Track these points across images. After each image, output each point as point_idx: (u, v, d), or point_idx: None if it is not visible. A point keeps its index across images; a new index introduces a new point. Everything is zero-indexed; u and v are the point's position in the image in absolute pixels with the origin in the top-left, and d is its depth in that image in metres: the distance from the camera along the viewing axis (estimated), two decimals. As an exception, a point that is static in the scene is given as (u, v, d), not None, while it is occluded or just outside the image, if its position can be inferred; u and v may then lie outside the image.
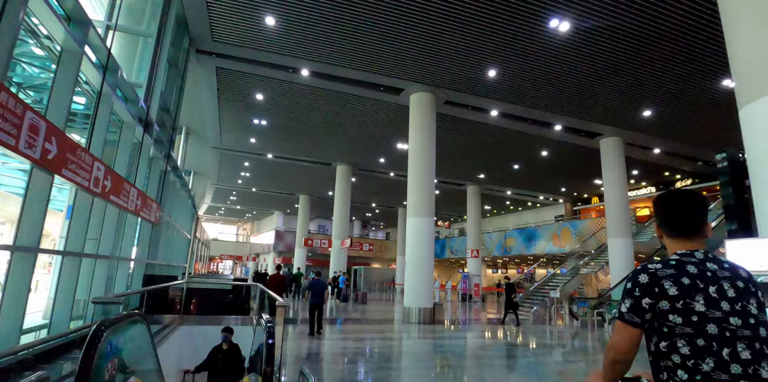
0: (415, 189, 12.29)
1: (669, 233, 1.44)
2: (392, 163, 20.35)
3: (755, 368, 1.18)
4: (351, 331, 9.73)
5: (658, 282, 1.29)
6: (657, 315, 1.28)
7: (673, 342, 1.24)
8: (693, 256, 1.34)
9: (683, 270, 1.29)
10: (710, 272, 1.29)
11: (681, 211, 1.43)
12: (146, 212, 8.68)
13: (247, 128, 17.01)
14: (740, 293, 1.26)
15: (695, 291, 1.25)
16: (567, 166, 19.75)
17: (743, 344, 1.20)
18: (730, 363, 1.18)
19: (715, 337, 1.21)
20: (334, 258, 21.01)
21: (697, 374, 1.20)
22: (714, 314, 1.22)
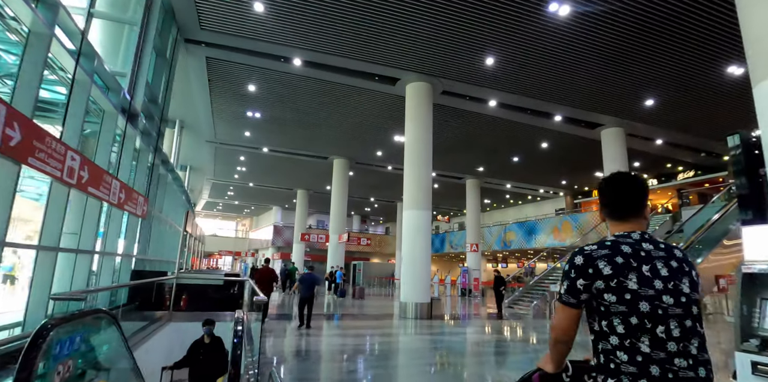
0: (411, 181, 11.99)
1: (610, 216, 1.47)
2: (390, 157, 20.02)
3: (685, 345, 1.22)
4: (344, 327, 9.48)
5: (592, 263, 1.31)
6: (594, 295, 1.31)
7: (610, 321, 1.27)
8: (629, 237, 1.36)
9: (618, 250, 1.32)
10: (644, 252, 1.32)
11: (621, 194, 1.45)
12: (131, 205, 8.38)
13: (241, 121, 16.68)
14: (673, 272, 1.29)
15: (628, 270, 1.28)
16: (567, 159, 19.42)
17: (675, 322, 1.23)
18: (666, 341, 1.21)
19: (647, 314, 1.23)
20: (332, 253, 20.76)
21: (638, 355, 1.21)
22: (647, 292, 1.25)
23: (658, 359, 1.20)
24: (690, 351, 1.22)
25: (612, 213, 1.47)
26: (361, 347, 6.87)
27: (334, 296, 17.82)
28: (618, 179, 1.48)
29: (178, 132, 19.44)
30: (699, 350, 1.25)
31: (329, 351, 6.44)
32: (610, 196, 1.48)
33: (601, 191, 1.51)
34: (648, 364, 1.21)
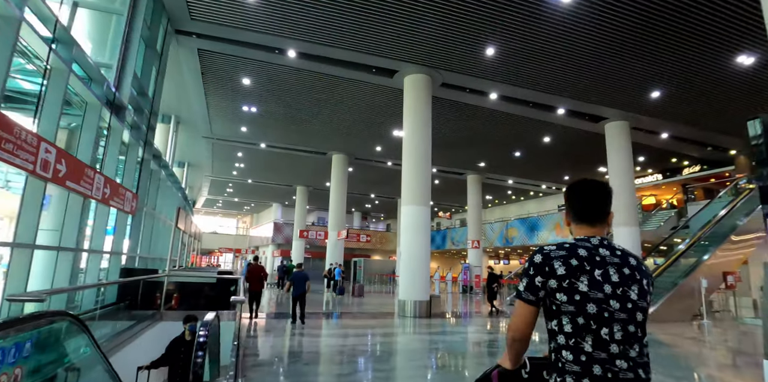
0: (410, 176, 11.66)
1: (576, 220, 1.51)
2: (389, 152, 19.67)
3: (625, 348, 1.26)
4: (339, 326, 9.19)
5: (549, 262, 1.36)
6: (548, 293, 1.34)
7: (560, 320, 1.31)
8: (588, 241, 1.42)
9: (574, 252, 1.36)
10: (599, 257, 1.36)
11: (588, 200, 1.50)
12: (118, 201, 8.08)
13: (237, 116, 16.36)
14: (624, 278, 1.33)
15: (581, 272, 1.32)
16: (570, 153, 19.04)
17: (619, 326, 1.27)
18: (609, 343, 1.26)
19: (593, 316, 1.27)
20: (331, 250, 20.47)
21: (581, 355, 1.26)
22: (596, 294, 1.29)
23: (600, 359, 1.25)
24: (629, 354, 1.27)
25: (578, 218, 1.51)
26: (355, 349, 6.57)
27: (333, 293, 17.54)
28: (585, 186, 1.52)
29: (173, 128, 19.15)
30: (639, 354, 1.29)
31: (321, 353, 6.13)
32: (577, 201, 1.52)
33: (568, 197, 1.55)
34: (591, 364, 1.25)
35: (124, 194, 8.43)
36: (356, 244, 34.64)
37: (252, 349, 6.24)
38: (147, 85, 10.41)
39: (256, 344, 6.75)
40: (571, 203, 1.54)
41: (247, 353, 5.87)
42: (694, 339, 8.43)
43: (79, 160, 6.44)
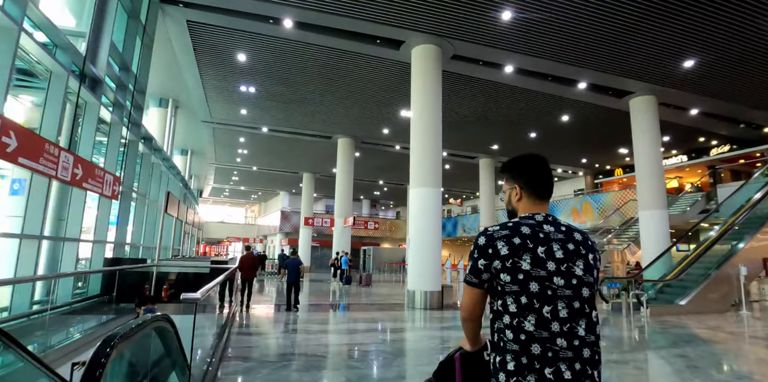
0: (419, 155, 10.70)
1: (531, 195, 1.46)
2: (397, 135, 18.69)
3: (572, 325, 1.25)
4: (341, 320, 8.37)
5: (492, 243, 1.33)
6: (492, 275, 1.33)
7: (504, 300, 1.30)
8: (533, 218, 1.39)
9: (517, 231, 1.33)
10: (543, 234, 1.33)
11: (542, 173, 1.48)
12: (94, 183, 7.28)
13: (235, 97, 15.48)
14: (569, 254, 1.31)
15: (523, 250, 1.29)
16: (590, 134, 17.89)
17: (563, 303, 1.26)
18: (550, 321, 1.24)
19: (536, 295, 1.26)
20: (337, 238, 19.68)
21: (521, 333, 1.25)
22: (538, 273, 1.27)
23: (540, 338, 1.23)
24: (577, 332, 1.25)
25: (533, 193, 1.46)
26: (357, 349, 5.75)
27: (339, 283, 16.80)
28: (536, 159, 1.51)
29: (171, 112, 18.35)
30: (586, 331, 1.27)
31: (317, 355, 5.32)
32: (531, 176, 1.48)
33: (519, 171, 1.51)
34: (530, 342, 1.24)
35: (103, 176, 7.63)
36: (365, 232, 33.91)
37: (237, 349, 5.45)
38: (130, 59, 9.54)
39: (243, 342, 5.97)
40: (527, 178, 1.49)
41: (228, 355, 5.07)
42: (734, 334, 7.48)
43: (37, 134, 5.61)
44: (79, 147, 7.50)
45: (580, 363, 1.23)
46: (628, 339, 7.13)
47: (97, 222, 8.51)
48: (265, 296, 12.43)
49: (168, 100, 18.17)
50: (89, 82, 7.64)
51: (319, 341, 6.06)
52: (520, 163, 1.52)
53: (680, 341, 6.67)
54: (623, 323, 8.66)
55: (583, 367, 1.24)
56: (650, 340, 6.94)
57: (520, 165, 1.52)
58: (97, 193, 7.50)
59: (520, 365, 1.23)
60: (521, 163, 1.52)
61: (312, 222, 21.90)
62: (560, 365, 1.22)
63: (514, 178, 1.51)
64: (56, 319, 6.68)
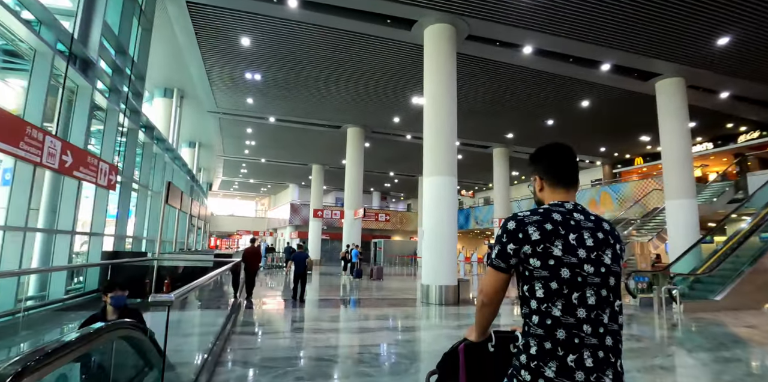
0: (432, 142, 10.08)
1: (552, 184, 1.45)
2: (408, 123, 18.05)
3: (598, 313, 1.24)
4: (350, 317, 7.84)
5: (523, 228, 1.31)
6: (521, 259, 1.31)
7: (532, 285, 1.28)
8: (562, 206, 1.38)
9: (549, 217, 1.32)
10: (574, 221, 1.33)
11: (566, 162, 1.46)
12: (87, 172, 6.82)
13: (240, 85, 14.95)
14: (598, 243, 1.31)
15: (555, 237, 1.28)
16: (610, 120, 17.05)
17: (591, 291, 1.25)
18: (577, 307, 1.23)
19: (566, 281, 1.24)
20: (347, 230, 19.18)
21: (548, 318, 1.24)
22: (570, 259, 1.26)
23: (566, 324, 1.22)
24: (601, 320, 1.24)
25: (556, 182, 1.45)
26: (367, 351, 5.23)
27: (350, 276, 16.33)
28: (560, 148, 1.48)
29: (176, 102, 17.93)
30: (610, 319, 1.26)
31: (322, 358, 4.80)
32: (554, 165, 1.46)
33: (542, 160, 1.49)
34: (556, 327, 1.23)
35: (97, 164, 7.16)
36: (375, 224, 33.41)
37: (236, 351, 4.96)
38: (127, 42, 9.03)
39: (245, 342, 5.48)
40: (546, 167, 1.47)
41: (226, 359, 4.58)
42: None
43: (16, 116, 5.12)
44: (70, 133, 7.04)
45: (603, 351, 1.23)
46: (669, 340, 6.50)
47: (95, 214, 8.08)
48: (271, 289, 12.03)
49: (173, 90, 17.75)
50: (80, 64, 7.15)
51: (327, 341, 5.54)
52: (541, 153, 1.50)
53: (727, 341, 6.03)
54: (655, 320, 8.03)
55: (606, 355, 1.23)
56: (691, 340, 6.31)
57: (540, 155, 1.50)
58: (91, 182, 7.04)
59: (543, 350, 1.23)
60: (541, 152, 1.50)
61: (321, 214, 21.42)
62: (584, 351, 1.21)
63: (536, 169, 1.50)
64: (48, 316, 6.27)
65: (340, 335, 6.13)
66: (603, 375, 1.20)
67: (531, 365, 1.23)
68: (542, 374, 1.21)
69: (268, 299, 9.80)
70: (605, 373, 1.20)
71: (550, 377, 1.20)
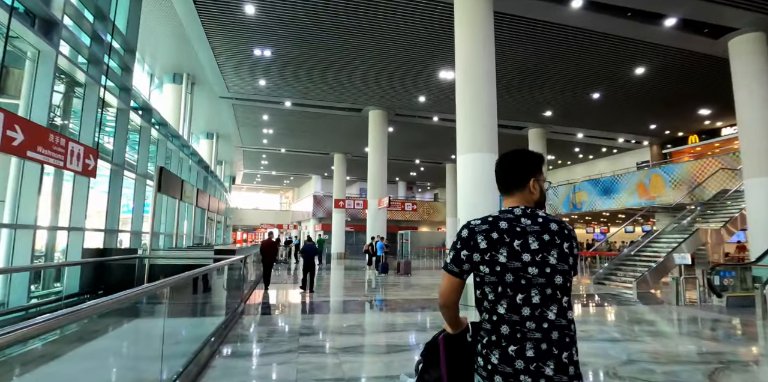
0: (468, 114, 8.48)
1: (502, 191, 1.56)
2: (436, 102, 16.47)
3: (542, 310, 1.34)
4: (374, 327, 6.39)
5: (474, 236, 1.41)
6: (472, 266, 1.41)
7: (483, 290, 1.41)
8: (512, 212, 1.46)
9: (495, 226, 1.41)
10: (520, 228, 1.41)
11: (506, 169, 1.54)
12: (49, 154, 5.60)
13: (250, 65, 13.68)
14: (543, 245, 1.39)
15: (501, 245, 1.38)
16: (666, 91, 14.98)
17: (536, 290, 1.35)
18: (521, 306, 1.34)
19: (510, 284, 1.36)
20: (371, 221, 17.81)
21: (494, 315, 1.37)
22: (513, 264, 1.36)
23: (510, 321, 1.34)
24: (545, 316, 1.34)
25: (501, 189, 1.55)
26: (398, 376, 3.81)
27: (375, 271, 14.98)
28: (503, 158, 1.57)
29: (187, 89, 16.87)
30: (557, 315, 1.35)
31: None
32: (498, 171, 1.56)
33: (496, 168, 1.58)
34: (500, 323, 1.36)
35: (65, 145, 5.94)
36: (401, 215, 31.98)
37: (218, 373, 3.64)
38: (107, 6, 7.78)
39: (230, 369, 4.15)
40: (498, 175, 1.57)
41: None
42: None
43: None
44: (31, 108, 5.84)
45: (547, 344, 1.32)
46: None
47: (73, 206, 6.94)
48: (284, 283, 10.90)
49: (182, 76, 16.70)
50: (41, 25, 5.93)
51: (340, 371, 4.13)
52: (498, 164, 1.58)
53: None
54: (756, 327, 6.31)
55: (549, 347, 1.32)
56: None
57: (497, 165, 1.58)
58: (56, 166, 5.83)
59: (490, 341, 1.37)
60: (498, 163, 1.58)
61: (343, 204, 20.10)
62: (526, 344, 1.32)
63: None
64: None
65: (359, 358, 4.70)
66: (543, 365, 1.30)
67: (482, 352, 1.39)
68: (489, 361, 1.36)
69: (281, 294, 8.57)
70: (546, 363, 1.30)
71: (495, 363, 1.34)
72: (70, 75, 6.99)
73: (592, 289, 11.09)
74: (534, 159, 1.54)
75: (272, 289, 9.87)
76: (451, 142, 8.94)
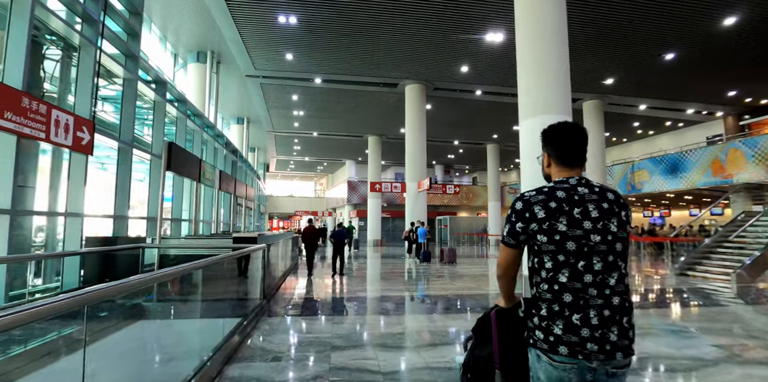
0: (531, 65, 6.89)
1: (560, 163, 1.55)
2: (479, 73, 14.80)
3: (603, 277, 1.36)
4: (417, 336, 5.07)
5: (529, 207, 1.43)
6: (530, 236, 1.44)
7: (541, 258, 1.41)
8: (567, 182, 1.48)
9: (552, 195, 1.43)
10: (578, 196, 1.43)
11: (573, 143, 1.53)
12: (29, 124, 4.58)
13: (275, 35, 12.47)
14: (603, 213, 1.41)
15: (560, 213, 1.40)
16: (758, 48, 12.68)
17: (598, 257, 1.37)
18: (583, 273, 1.36)
19: (572, 252, 1.37)
20: (410, 205, 16.48)
21: (555, 284, 1.37)
22: (574, 232, 1.38)
23: (572, 288, 1.35)
24: (608, 283, 1.35)
25: (561, 162, 1.54)
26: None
27: (416, 260, 13.71)
28: (568, 128, 1.55)
29: (211, 68, 15.95)
30: (617, 281, 1.37)
31: None
32: (561, 145, 1.55)
33: (551, 139, 1.57)
34: (562, 292, 1.36)
35: (47, 113, 4.91)
36: (439, 200, 30.48)
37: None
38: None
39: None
40: (554, 145, 1.56)
41: None
42: None
43: None
44: (4, 68, 4.82)
45: (610, 310, 1.33)
46: None
47: (70, 188, 5.98)
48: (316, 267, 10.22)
49: (206, 54, 15.76)
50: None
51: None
52: (551, 132, 1.57)
53: None
54: None
55: (612, 313, 1.33)
56: None
57: (551, 133, 1.57)
58: (36, 138, 4.81)
59: (551, 311, 1.35)
60: (552, 131, 1.56)
61: (380, 187, 18.82)
62: (589, 311, 1.32)
63: (545, 146, 1.59)
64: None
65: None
66: (608, 331, 1.32)
67: (542, 325, 1.37)
68: (551, 332, 1.34)
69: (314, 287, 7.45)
70: (611, 329, 1.32)
71: (558, 333, 1.33)
72: (60, 35, 5.96)
73: (675, 281, 9.38)
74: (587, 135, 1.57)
75: (303, 277, 8.95)
76: (495, 119, 7.51)
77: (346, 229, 13.49)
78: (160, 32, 14.62)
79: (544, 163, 1.59)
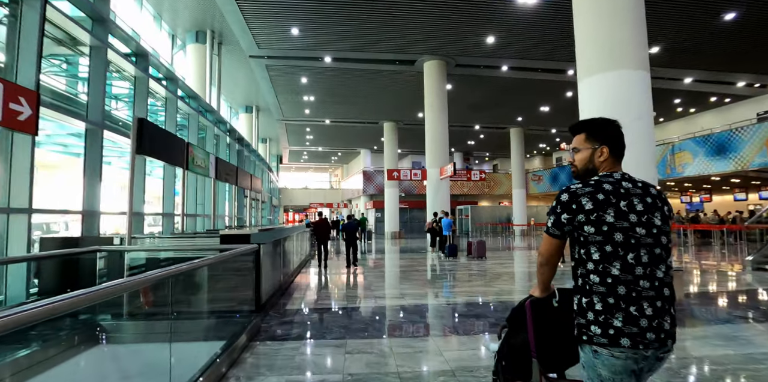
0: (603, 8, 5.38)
1: (616, 156, 1.56)
2: (507, 43, 13.22)
3: (652, 269, 1.38)
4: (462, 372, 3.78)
5: (576, 199, 1.45)
6: (576, 227, 1.45)
7: (588, 249, 1.42)
8: (611, 176, 1.50)
9: (600, 188, 1.45)
10: (624, 189, 1.45)
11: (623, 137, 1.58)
12: None
13: (277, 6, 11.11)
14: (647, 207, 1.44)
15: (607, 205, 1.42)
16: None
17: (645, 250, 1.39)
18: (634, 266, 1.37)
19: (620, 244, 1.39)
20: (432, 194, 15.05)
21: (608, 277, 1.38)
22: (622, 224, 1.40)
23: (625, 281, 1.36)
24: (656, 275, 1.38)
25: (618, 155, 1.56)
26: None
27: (440, 254, 12.34)
28: (618, 124, 1.58)
29: (212, 49, 14.70)
30: (665, 274, 1.40)
31: None
32: (620, 138, 1.57)
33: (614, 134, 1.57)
34: (616, 285, 1.37)
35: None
36: (459, 188, 28.94)
37: None
38: None
39: None
40: (611, 140, 1.56)
41: None
42: None
43: None
44: None
45: (661, 301, 1.37)
46: None
47: (11, 177, 4.76)
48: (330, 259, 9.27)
49: (206, 33, 14.51)
50: None
51: None
52: (608, 127, 1.58)
53: None
54: None
55: (663, 304, 1.37)
56: None
57: (607, 128, 1.58)
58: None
59: (608, 304, 1.37)
60: (609, 126, 1.58)
61: (398, 175, 17.40)
62: (643, 303, 1.35)
63: (599, 140, 1.56)
64: None
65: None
66: (663, 320, 1.35)
67: (599, 319, 1.37)
68: (611, 326, 1.35)
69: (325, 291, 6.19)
70: (664, 318, 1.36)
71: (619, 326, 1.34)
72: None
73: (752, 278, 7.83)
74: None
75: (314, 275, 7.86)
76: (520, 99, 6.18)
77: (358, 221, 12.31)
78: (154, 10, 13.39)
79: (596, 157, 1.55)
